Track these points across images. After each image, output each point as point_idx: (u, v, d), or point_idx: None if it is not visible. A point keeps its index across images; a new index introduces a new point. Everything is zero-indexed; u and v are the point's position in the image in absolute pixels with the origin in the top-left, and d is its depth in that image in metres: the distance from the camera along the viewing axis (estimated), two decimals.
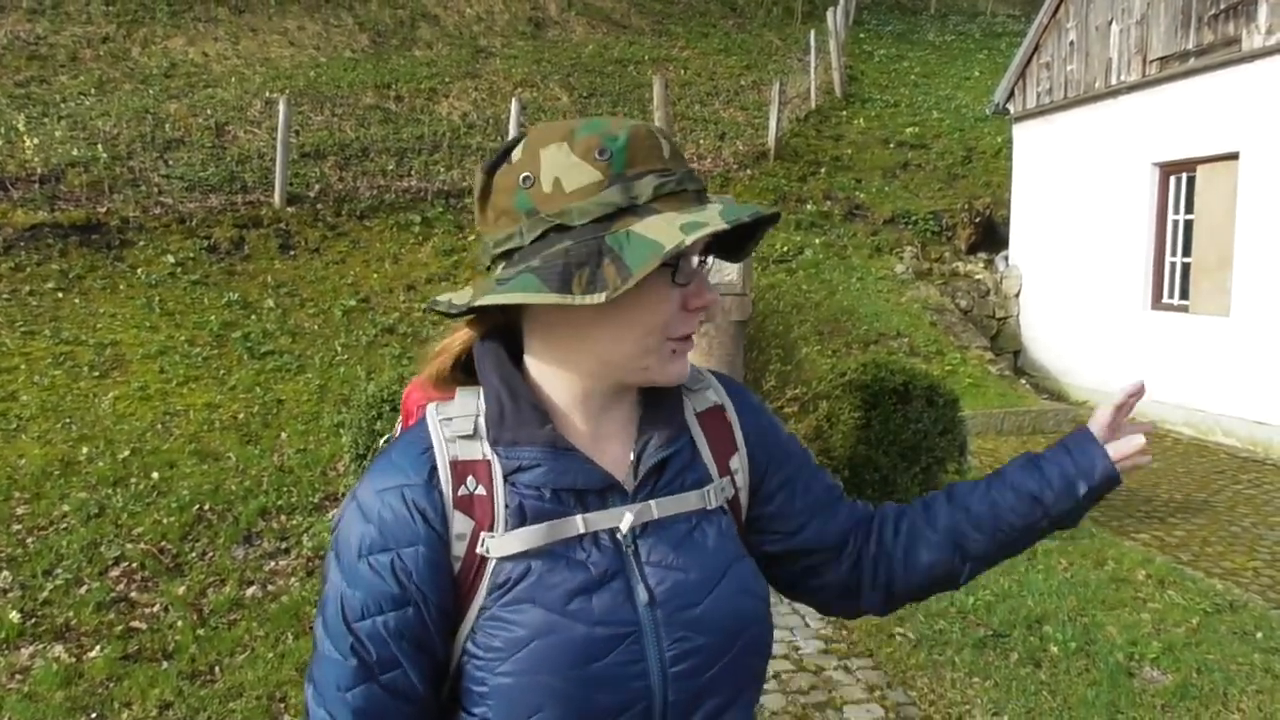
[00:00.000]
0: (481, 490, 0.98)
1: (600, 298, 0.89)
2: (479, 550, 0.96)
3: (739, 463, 1.12)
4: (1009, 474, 1.17)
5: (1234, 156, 7.81)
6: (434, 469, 0.98)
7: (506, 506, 0.97)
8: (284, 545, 5.01)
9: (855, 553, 1.19)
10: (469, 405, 1.03)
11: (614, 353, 0.99)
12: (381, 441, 4.43)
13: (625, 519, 0.98)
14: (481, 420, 1.01)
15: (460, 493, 0.98)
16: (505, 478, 0.98)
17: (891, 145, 13.17)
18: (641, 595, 0.97)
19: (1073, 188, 9.81)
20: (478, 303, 0.95)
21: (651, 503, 1.01)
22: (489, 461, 0.99)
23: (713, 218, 0.92)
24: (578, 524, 0.98)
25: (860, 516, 1.21)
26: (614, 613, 0.95)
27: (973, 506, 1.17)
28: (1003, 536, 1.16)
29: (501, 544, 0.96)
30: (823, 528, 1.17)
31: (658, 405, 1.06)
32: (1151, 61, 8.64)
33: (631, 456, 1.03)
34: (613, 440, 1.05)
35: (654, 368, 1.00)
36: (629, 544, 0.99)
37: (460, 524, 0.97)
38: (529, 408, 1.00)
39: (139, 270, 8.09)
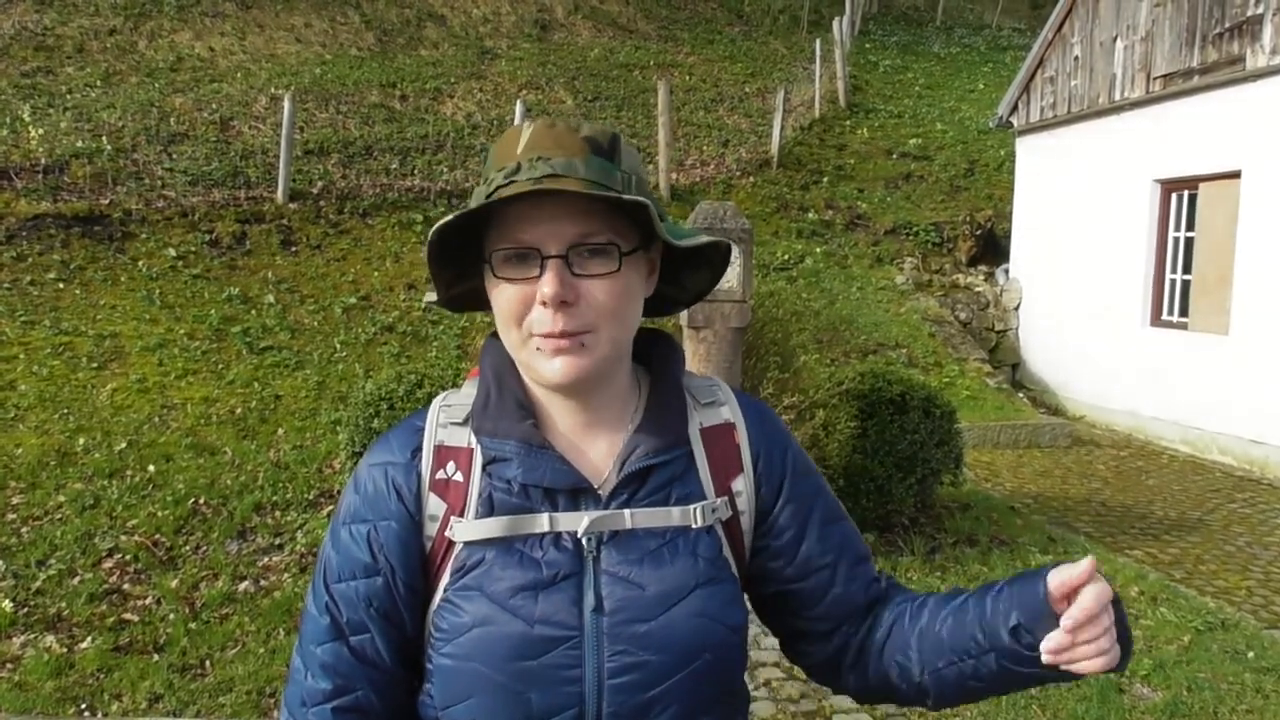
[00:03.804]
0: (459, 476, 1.01)
1: (429, 296, 0.99)
2: (447, 533, 0.99)
3: (743, 484, 1.07)
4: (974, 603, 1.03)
5: (1236, 175, 7.83)
6: (417, 450, 1.03)
7: (479, 495, 0.99)
8: (278, 541, 5.02)
9: (845, 637, 1.11)
10: (469, 394, 1.06)
11: (508, 349, 1.02)
12: None
13: (583, 522, 0.97)
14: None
15: (438, 476, 1.01)
16: (484, 467, 1.00)
17: (894, 156, 13.19)
18: (590, 601, 0.96)
19: (1074, 202, 9.83)
20: (423, 301, 1.03)
21: (625, 512, 0.99)
22: (472, 449, 1.02)
23: (479, 200, 0.94)
24: (541, 522, 0.98)
25: (872, 598, 1.11)
26: (556, 615, 0.95)
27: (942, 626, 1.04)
28: (952, 668, 1.03)
29: (464, 530, 0.98)
30: (825, 588, 1.09)
31: (657, 415, 1.04)
32: (1155, 78, 8.67)
33: (615, 461, 1.02)
34: (601, 442, 1.04)
35: (532, 365, 0.98)
36: (591, 549, 0.98)
37: (434, 506, 1.01)
38: (512, 401, 1.02)
39: (140, 263, 8.10)
